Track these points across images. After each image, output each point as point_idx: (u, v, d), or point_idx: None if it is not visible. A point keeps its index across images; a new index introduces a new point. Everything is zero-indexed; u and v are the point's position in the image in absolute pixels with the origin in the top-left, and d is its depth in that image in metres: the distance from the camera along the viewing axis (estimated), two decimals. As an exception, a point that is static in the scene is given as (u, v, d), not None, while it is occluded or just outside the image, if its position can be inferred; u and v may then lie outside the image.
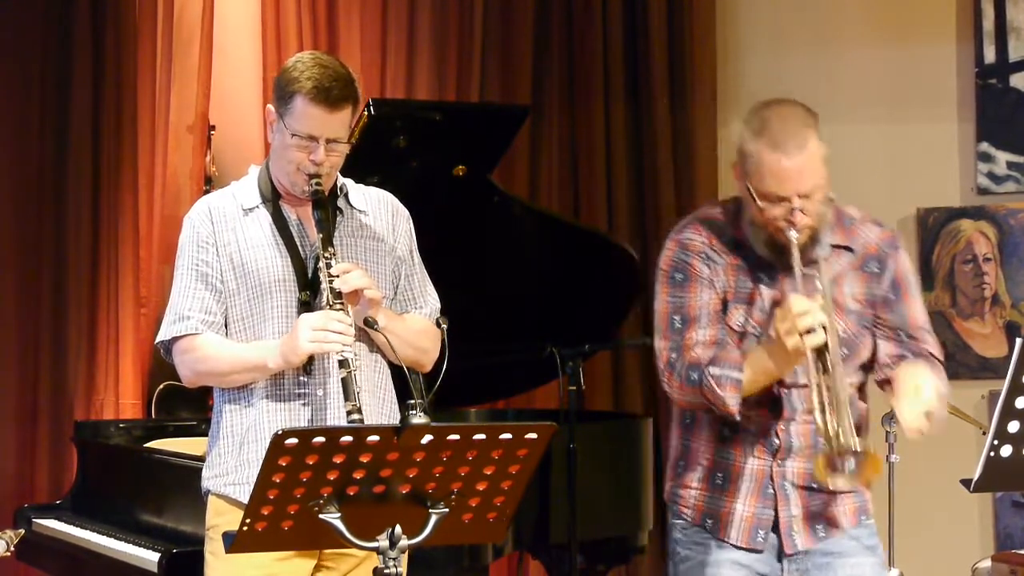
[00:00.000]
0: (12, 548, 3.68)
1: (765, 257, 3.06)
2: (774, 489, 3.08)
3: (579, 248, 4.74)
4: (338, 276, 3.04)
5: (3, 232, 5.34)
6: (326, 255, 3.07)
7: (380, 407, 3.22)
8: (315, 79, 3.09)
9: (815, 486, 3.08)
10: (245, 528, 2.56)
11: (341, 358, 3.00)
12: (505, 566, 5.58)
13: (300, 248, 3.18)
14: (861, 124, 5.88)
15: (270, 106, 3.20)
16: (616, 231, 5.88)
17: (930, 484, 4.93)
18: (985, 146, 5.70)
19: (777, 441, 3.08)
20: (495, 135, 4.35)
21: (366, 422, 3.11)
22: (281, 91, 3.15)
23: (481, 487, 2.63)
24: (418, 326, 3.29)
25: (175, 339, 3.18)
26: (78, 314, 5.29)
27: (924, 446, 5.08)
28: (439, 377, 3.25)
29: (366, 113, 3.92)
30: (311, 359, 3.12)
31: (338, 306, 3.03)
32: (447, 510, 2.62)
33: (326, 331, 3.00)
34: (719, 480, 3.12)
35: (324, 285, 3.05)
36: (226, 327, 3.19)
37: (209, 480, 3.22)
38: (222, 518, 3.16)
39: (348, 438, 2.49)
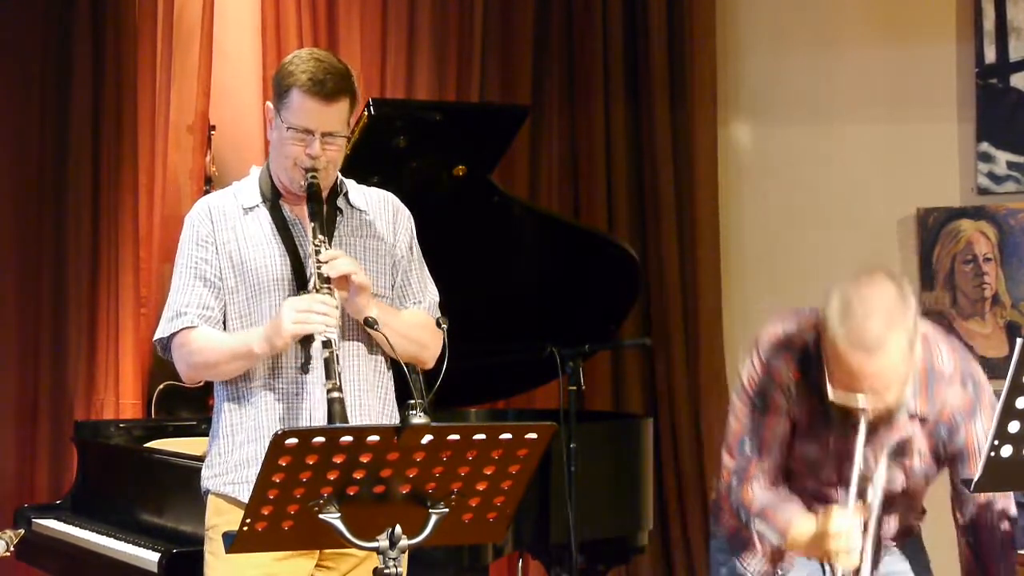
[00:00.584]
0: (12, 548, 3.68)
1: (848, 416, 2.98)
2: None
3: (579, 248, 4.74)
4: (326, 262, 3.06)
5: (3, 232, 5.34)
6: (316, 242, 3.09)
7: (381, 408, 3.23)
8: (310, 72, 3.12)
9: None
10: (245, 528, 2.56)
11: (324, 339, 3.01)
12: (505, 566, 5.58)
13: (299, 248, 3.20)
14: (861, 124, 5.88)
15: (268, 103, 3.22)
16: (616, 231, 5.88)
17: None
18: (985, 146, 5.70)
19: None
20: (495, 135, 4.35)
21: (361, 418, 3.13)
22: (278, 86, 3.18)
23: (481, 487, 2.63)
24: (416, 320, 3.29)
25: (173, 335, 3.20)
26: (78, 314, 5.29)
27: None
28: (439, 377, 3.25)
29: (366, 113, 3.92)
30: (308, 357, 3.13)
31: (325, 290, 3.05)
32: (447, 510, 2.62)
33: (309, 312, 3.01)
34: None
35: (312, 271, 3.07)
36: (225, 326, 3.20)
37: (209, 480, 3.23)
38: (222, 518, 3.17)
39: (348, 438, 2.49)
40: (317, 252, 3.08)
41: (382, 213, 3.33)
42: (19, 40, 5.36)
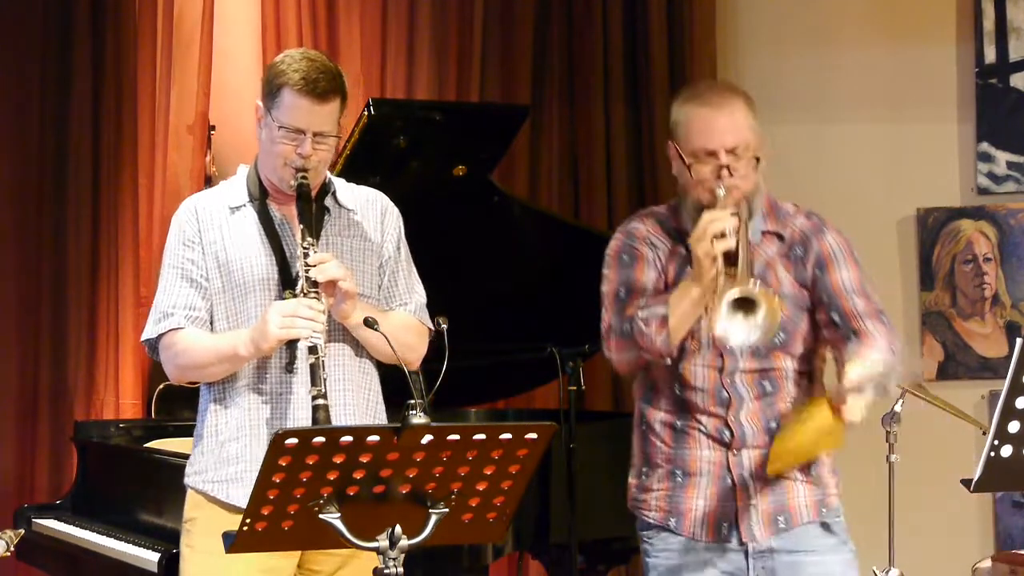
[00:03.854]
0: (12, 548, 3.68)
1: None
2: (732, 480, 3.11)
3: (579, 248, 4.73)
4: (314, 265, 3.05)
5: (3, 232, 5.34)
6: (304, 245, 3.08)
7: (366, 408, 3.22)
8: (302, 71, 3.12)
9: (773, 476, 3.12)
10: (245, 528, 2.56)
11: (310, 344, 3.01)
12: (505, 566, 5.57)
13: (285, 247, 3.18)
14: (861, 124, 5.88)
15: (258, 102, 3.20)
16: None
17: (930, 484, 4.93)
18: (985, 146, 5.70)
19: (729, 432, 3.11)
20: (495, 135, 4.35)
21: (347, 417, 3.12)
22: (269, 85, 3.16)
23: (481, 487, 2.64)
24: (402, 322, 3.28)
25: (160, 336, 3.19)
26: (78, 314, 5.29)
27: (924, 446, 5.09)
28: (439, 377, 3.24)
29: (366, 113, 3.92)
30: (293, 357, 3.12)
31: (312, 294, 3.04)
32: (447, 510, 2.63)
33: (295, 316, 3.01)
34: (679, 477, 3.16)
35: (300, 274, 3.06)
36: (212, 326, 3.19)
37: (189, 477, 3.24)
38: (199, 511, 3.19)
39: (348, 438, 2.49)
40: (305, 255, 3.07)
41: (370, 213, 3.32)
42: (19, 40, 5.36)
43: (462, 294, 4.37)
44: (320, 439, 2.48)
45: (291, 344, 3.11)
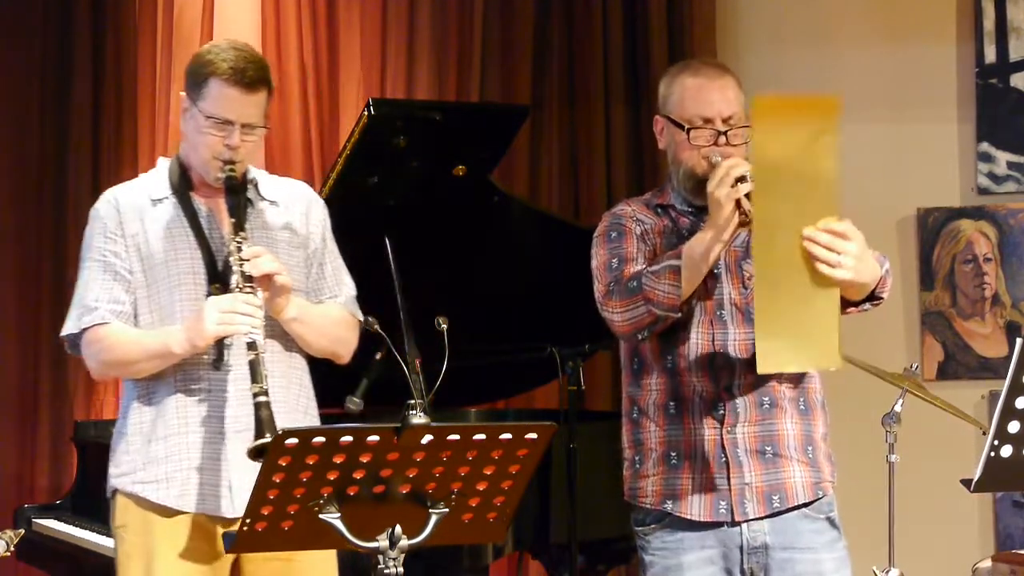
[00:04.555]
0: (12, 548, 3.68)
1: (690, 214, 3.14)
2: (726, 457, 3.10)
3: (579, 248, 4.72)
4: (248, 260, 3.01)
5: (3, 231, 5.35)
6: (237, 239, 3.03)
7: (296, 403, 3.18)
8: (230, 61, 3.09)
9: (768, 450, 3.10)
10: (245, 528, 2.56)
11: (249, 340, 2.96)
12: (505, 566, 5.57)
13: (210, 240, 3.14)
14: (861, 124, 5.87)
15: (182, 93, 3.16)
16: (616, 231, 5.87)
17: (930, 484, 4.93)
18: (985, 146, 5.70)
19: (722, 407, 3.10)
20: (495, 135, 4.34)
21: (275, 413, 3.06)
22: (195, 75, 3.12)
23: (481, 487, 2.64)
24: (333, 315, 3.25)
25: (83, 331, 3.12)
26: (78, 314, 5.28)
27: (924, 446, 5.09)
28: (439, 377, 3.24)
29: (366, 113, 3.92)
30: (220, 355, 3.09)
31: (247, 289, 2.99)
32: (447, 510, 2.63)
33: (233, 313, 2.96)
34: (673, 459, 3.14)
35: (234, 268, 3.01)
36: (136, 321, 3.13)
37: (116, 479, 3.16)
38: (130, 516, 3.13)
39: (348, 438, 2.49)
40: (239, 249, 3.02)
41: (295, 205, 3.28)
42: (19, 39, 5.37)
43: (462, 294, 4.38)
44: (320, 439, 2.48)
45: (218, 340, 3.06)
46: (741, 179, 2.91)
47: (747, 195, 2.90)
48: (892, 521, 4.57)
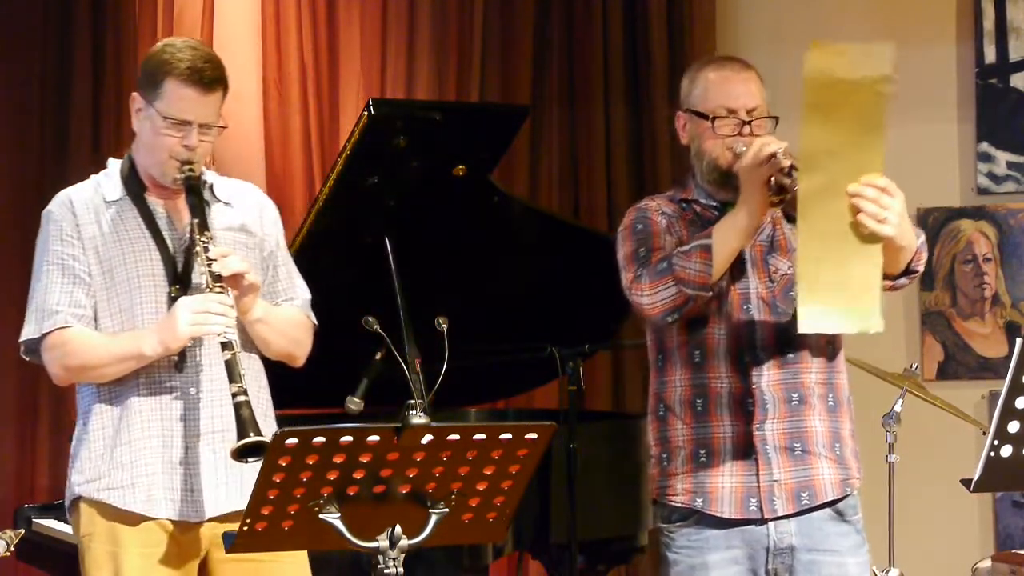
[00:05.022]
0: (12, 548, 3.68)
1: (714, 209, 3.14)
2: (755, 454, 3.09)
3: (579, 248, 4.73)
4: (216, 260, 2.97)
5: (3, 231, 5.34)
6: (203, 239, 3.00)
7: (256, 403, 3.10)
8: (187, 60, 3.05)
9: (797, 447, 3.09)
10: (245, 528, 2.56)
11: (224, 340, 2.93)
12: (505, 566, 5.57)
13: (168, 241, 3.10)
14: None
15: (135, 94, 3.12)
16: (616, 231, 5.87)
17: (930, 484, 4.93)
18: (985, 146, 5.70)
19: (750, 403, 3.10)
20: (495, 135, 4.34)
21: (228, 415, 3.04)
22: (150, 76, 3.08)
23: (481, 487, 2.64)
24: (292, 317, 3.23)
25: (44, 336, 3.08)
26: (78, 314, 5.28)
27: (924, 446, 5.09)
28: (439, 377, 3.24)
29: (366, 113, 3.92)
30: (184, 357, 3.05)
31: (217, 289, 2.96)
32: (447, 510, 2.63)
33: (207, 313, 2.93)
34: (703, 457, 3.13)
35: (203, 269, 2.98)
36: (96, 324, 3.10)
37: (80, 486, 3.12)
38: (96, 526, 3.10)
39: (348, 438, 2.49)
40: (205, 250, 2.98)
41: (248, 207, 3.25)
42: (19, 40, 5.37)
43: (462, 294, 4.37)
44: (320, 439, 2.48)
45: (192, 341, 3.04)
46: (772, 157, 2.93)
47: (781, 171, 2.92)
48: (892, 521, 4.57)
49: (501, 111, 4.96)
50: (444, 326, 3.31)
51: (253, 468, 3.08)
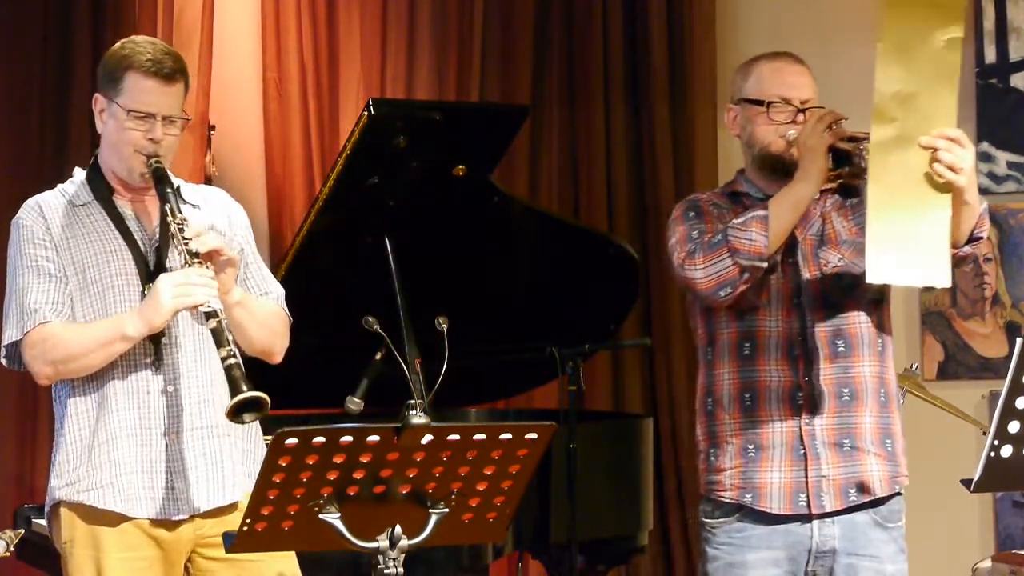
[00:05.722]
0: (12, 548, 3.67)
1: (762, 200, 3.12)
2: (804, 449, 3.09)
3: (579, 248, 4.74)
4: (191, 239, 2.97)
5: (3, 232, 5.34)
6: (177, 222, 2.99)
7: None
8: (148, 53, 3.06)
9: (846, 443, 3.09)
10: (245, 528, 2.56)
11: (208, 309, 2.92)
12: (505, 566, 5.58)
13: (139, 242, 3.11)
14: (861, 124, 5.87)
15: (97, 94, 3.12)
16: (616, 231, 5.88)
17: (930, 484, 4.93)
18: (985, 146, 5.70)
19: (801, 397, 3.09)
20: (495, 135, 4.34)
21: (204, 412, 3.06)
22: (111, 72, 3.09)
23: (481, 487, 2.64)
24: (270, 307, 3.22)
25: (25, 335, 3.06)
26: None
27: (924, 446, 5.09)
28: (439, 377, 3.24)
29: (366, 113, 3.92)
30: (160, 354, 3.05)
31: (196, 264, 2.95)
32: (447, 510, 2.63)
33: (188, 284, 2.93)
34: (751, 452, 3.12)
35: (180, 248, 2.97)
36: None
37: (60, 490, 3.09)
38: (77, 530, 3.07)
39: (348, 438, 2.49)
40: (181, 230, 2.98)
41: (215, 208, 3.25)
42: (19, 40, 5.36)
43: (462, 294, 4.37)
44: (320, 439, 2.48)
45: (155, 339, 3.04)
46: (836, 123, 2.99)
47: (843, 139, 2.98)
48: (892, 521, 4.57)
49: (501, 111, 4.96)
50: (444, 326, 3.31)
51: (235, 464, 3.10)
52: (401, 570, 2.60)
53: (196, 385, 3.09)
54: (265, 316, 3.17)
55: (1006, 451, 2.87)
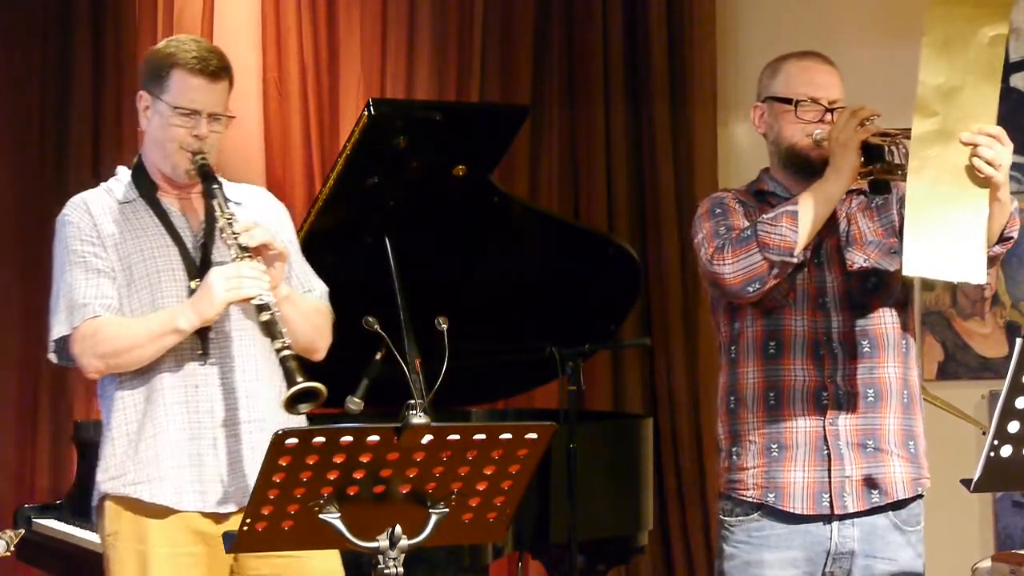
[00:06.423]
0: (12, 548, 3.68)
1: (787, 198, 3.11)
2: (828, 449, 3.08)
3: (579, 248, 4.74)
4: (241, 233, 2.99)
5: (4, 232, 5.35)
6: (226, 216, 3.02)
7: (276, 397, 3.09)
8: (193, 51, 3.08)
9: (869, 444, 3.09)
10: (245, 528, 2.56)
11: (260, 303, 2.94)
12: (505, 566, 5.58)
13: (184, 238, 3.13)
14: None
15: (141, 92, 3.13)
16: (616, 231, 5.88)
17: (930, 484, 4.93)
18: (985, 146, 5.69)
19: (825, 397, 3.09)
20: (495, 135, 4.34)
21: (251, 406, 3.07)
22: (156, 70, 3.10)
23: (481, 487, 2.64)
24: (316, 303, 3.25)
25: (74, 329, 3.06)
26: (78, 314, 5.28)
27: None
28: (439, 377, 3.24)
29: (366, 113, 3.92)
30: (208, 348, 3.07)
31: (246, 258, 2.98)
32: (447, 510, 2.63)
33: (240, 278, 2.95)
34: (774, 452, 3.11)
35: (230, 242, 3.00)
36: None
37: (106, 483, 3.11)
38: (121, 523, 3.09)
39: (348, 438, 2.49)
40: (231, 224, 3.01)
41: (259, 206, 3.28)
42: (19, 40, 5.37)
43: (462, 294, 4.38)
44: (320, 439, 2.48)
45: (202, 333, 3.05)
46: (868, 120, 2.99)
47: (869, 147, 2.97)
48: (892, 521, 4.56)
49: (501, 111, 4.96)
50: (444, 326, 3.30)
51: None
52: (401, 570, 2.60)
53: (243, 379, 3.11)
54: (310, 311, 3.19)
55: (1006, 451, 2.86)
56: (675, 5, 6.00)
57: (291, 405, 2.87)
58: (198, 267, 3.10)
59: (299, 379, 2.86)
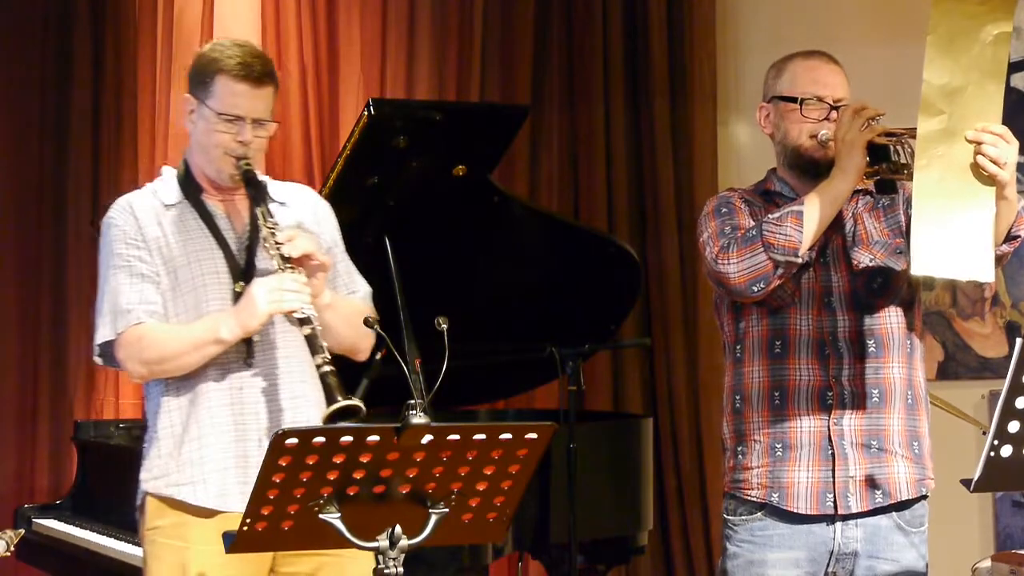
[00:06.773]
0: (12, 548, 3.68)
1: (794, 198, 3.11)
2: (832, 449, 3.08)
3: (579, 248, 4.74)
4: (284, 243, 2.99)
5: (3, 232, 5.35)
6: (269, 225, 3.02)
7: (318, 400, 3.11)
8: (238, 57, 3.07)
9: (874, 444, 3.09)
10: (245, 528, 2.56)
11: (302, 316, 2.95)
12: (505, 566, 5.58)
13: (228, 241, 3.13)
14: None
15: (186, 95, 3.14)
16: (616, 231, 5.88)
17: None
18: (985, 146, 5.69)
19: (830, 396, 3.09)
20: (495, 135, 4.35)
21: (294, 408, 3.07)
22: (201, 74, 3.11)
23: (481, 487, 2.64)
24: (358, 306, 3.25)
25: (119, 335, 3.07)
26: (78, 314, 5.28)
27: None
28: (439, 377, 3.24)
29: (366, 113, 3.92)
30: (252, 351, 3.08)
31: (288, 269, 2.98)
32: (447, 510, 2.62)
33: (282, 291, 2.95)
34: (779, 451, 3.11)
35: (272, 252, 3.00)
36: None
37: (148, 483, 3.13)
38: (164, 519, 3.10)
39: (348, 438, 2.49)
40: (273, 234, 3.01)
41: (302, 205, 3.27)
42: (19, 41, 5.37)
43: (462, 294, 4.38)
44: (320, 439, 2.48)
45: (247, 337, 3.05)
46: (873, 119, 2.98)
47: (874, 147, 2.96)
48: (892, 521, 4.56)
49: (501, 111, 4.96)
50: (444, 326, 3.30)
51: None
52: (401, 570, 2.60)
53: (288, 381, 3.11)
54: (353, 315, 3.18)
55: (1006, 451, 2.86)
56: (675, 5, 6.00)
57: (330, 421, 2.87)
58: (242, 270, 3.10)
59: (339, 397, 2.87)
